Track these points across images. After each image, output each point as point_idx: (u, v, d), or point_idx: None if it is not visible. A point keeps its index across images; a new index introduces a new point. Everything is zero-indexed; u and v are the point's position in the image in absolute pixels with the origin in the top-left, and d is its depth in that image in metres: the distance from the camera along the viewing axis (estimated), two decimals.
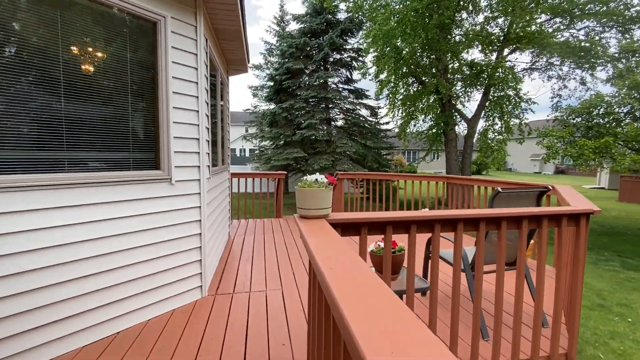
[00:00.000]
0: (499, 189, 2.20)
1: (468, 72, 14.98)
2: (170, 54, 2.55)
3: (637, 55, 10.39)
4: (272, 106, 15.85)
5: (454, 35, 14.13)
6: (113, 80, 2.34)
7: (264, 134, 16.71)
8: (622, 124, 10.17)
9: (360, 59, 15.13)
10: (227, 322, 2.50)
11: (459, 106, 15.91)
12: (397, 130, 17.09)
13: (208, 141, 3.10)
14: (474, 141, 16.04)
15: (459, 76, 15.02)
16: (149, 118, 2.57)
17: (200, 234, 2.87)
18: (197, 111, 2.81)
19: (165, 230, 2.58)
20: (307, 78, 15.18)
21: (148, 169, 2.54)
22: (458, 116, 15.56)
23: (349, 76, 15.57)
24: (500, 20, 14.18)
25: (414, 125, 16.62)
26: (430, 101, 14.93)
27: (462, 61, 13.94)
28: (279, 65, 15.08)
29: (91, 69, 2.25)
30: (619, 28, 12.52)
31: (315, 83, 14.39)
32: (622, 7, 11.92)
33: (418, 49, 13.11)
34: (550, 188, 2.35)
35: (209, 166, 3.13)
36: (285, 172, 6.55)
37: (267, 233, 5.26)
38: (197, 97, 2.81)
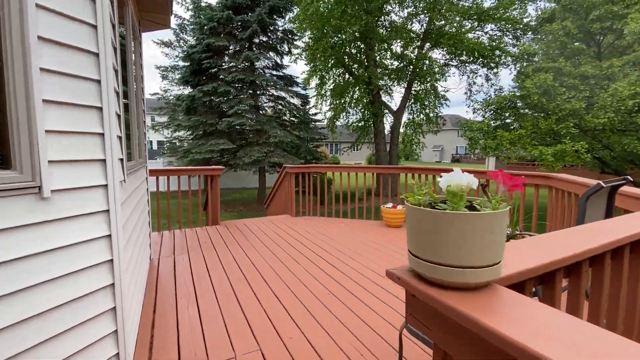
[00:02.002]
0: (602, 182, 1.53)
1: (395, 66, 15.35)
2: None
3: (535, 58, 11.81)
4: (189, 90, 13.64)
5: (386, 27, 14.18)
6: None
7: (179, 122, 14.33)
8: (526, 118, 11.47)
9: (294, 40, 14.04)
10: None
11: (386, 98, 16.29)
12: (326, 121, 16.72)
13: (119, 115, 1.76)
14: (400, 132, 16.73)
15: (382, 70, 15.23)
16: None
17: (112, 284, 1.56)
18: (97, 54, 1.48)
19: (33, 293, 1.23)
20: (229, 59, 13.41)
21: None
22: (385, 109, 15.90)
23: (279, 61, 14.34)
24: (422, 17, 14.80)
25: (345, 117, 16.49)
26: (361, 92, 14.79)
27: (393, 52, 14.10)
28: (196, 41, 12.92)
29: None
30: (513, 33, 14.27)
31: (241, 66, 12.78)
32: (517, 15, 13.51)
33: (352, 37, 12.65)
34: (630, 179, 1.81)
35: (122, 160, 1.79)
36: (221, 167, 5.20)
37: (207, 249, 3.94)
38: (95, 27, 1.47)
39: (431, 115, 16.32)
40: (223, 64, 13.21)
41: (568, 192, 3.04)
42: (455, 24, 13.78)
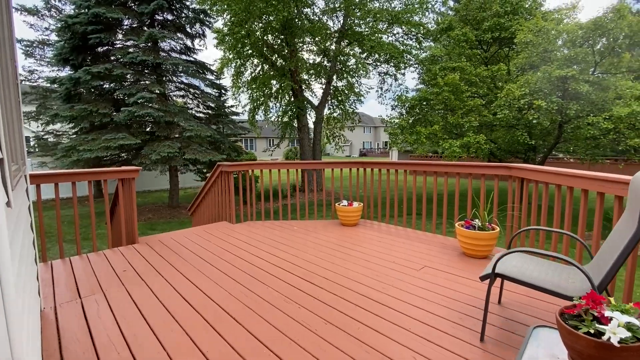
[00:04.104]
0: None
1: (314, 60, 15.21)
2: None
3: (441, 60, 13.09)
4: (70, 71, 10.85)
5: (309, 19, 13.81)
6: None
7: (55, 112, 11.30)
8: (434, 114, 12.66)
9: (208, 23, 12.46)
10: None
11: (308, 94, 16.12)
12: (246, 114, 15.67)
13: None
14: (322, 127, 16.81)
15: (302, 64, 14.95)
16: None
17: None
18: None
19: None
20: (124, 37, 11.11)
21: None
22: (308, 104, 15.74)
23: (189, 45, 12.57)
24: (339, 13, 14.96)
25: (265, 112, 15.71)
26: (283, 85, 14.22)
27: (319, 46, 13.89)
28: (78, 9, 10.25)
29: None
30: (417, 38, 15.65)
31: (142, 45, 10.73)
32: (419, 20, 14.83)
33: (276, 25, 11.87)
34: None
35: (3, 162, 0.88)
36: (138, 168, 4.00)
37: (131, 282, 2.87)
38: None
39: (349, 109, 16.85)
40: (117, 41, 10.88)
41: (535, 181, 3.12)
42: (370, 24, 14.32)
